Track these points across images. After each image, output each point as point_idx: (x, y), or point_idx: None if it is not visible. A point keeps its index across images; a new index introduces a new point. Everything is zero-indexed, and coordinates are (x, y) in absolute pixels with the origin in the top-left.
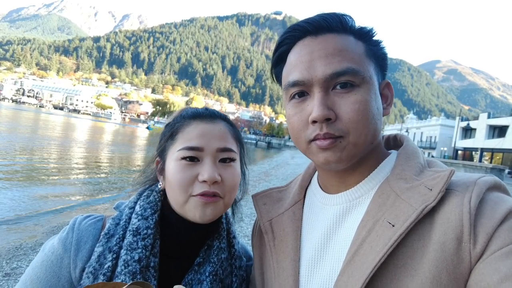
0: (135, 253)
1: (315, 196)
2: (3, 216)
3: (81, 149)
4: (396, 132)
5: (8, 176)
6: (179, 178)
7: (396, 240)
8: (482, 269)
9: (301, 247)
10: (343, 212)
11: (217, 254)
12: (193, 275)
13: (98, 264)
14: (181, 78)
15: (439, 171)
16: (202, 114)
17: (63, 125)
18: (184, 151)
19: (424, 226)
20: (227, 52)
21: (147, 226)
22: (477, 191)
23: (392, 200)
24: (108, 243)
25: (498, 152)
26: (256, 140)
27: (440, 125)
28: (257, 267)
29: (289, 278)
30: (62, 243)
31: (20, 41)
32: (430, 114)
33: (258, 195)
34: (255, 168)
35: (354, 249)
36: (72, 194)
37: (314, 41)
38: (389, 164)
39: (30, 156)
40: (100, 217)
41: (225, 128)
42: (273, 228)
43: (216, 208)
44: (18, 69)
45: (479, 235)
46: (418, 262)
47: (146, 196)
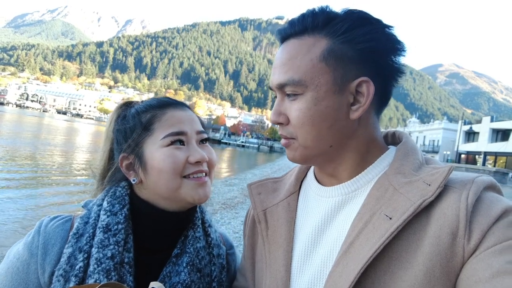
0: (107, 250)
1: (311, 188)
2: (10, 220)
3: (86, 154)
4: (395, 129)
5: (15, 181)
6: (172, 161)
7: (393, 232)
8: (475, 264)
9: (295, 238)
10: (339, 204)
11: (192, 243)
12: (171, 267)
13: (68, 266)
14: (183, 83)
15: (438, 168)
16: (172, 102)
17: (70, 130)
18: (171, 137)
19: (420, 220)
20: (229, 57)
21: (117, 222)
22: (475, 189)
23: (390, 194)
24: (77, 243)
25: (502, 155)
26: (258, 144)
27: (443, 128)
28: (248, 257)
29: (281, 268)
30: (28, 248)
31: (24, 46)
32: (432, 118)
33: (253, 184)
34: (257, 171)
35: (350, 241)
36: (76, 195)
37: (281, 48)
38: (387, 159)
39: (36, 162)
40: (68, 217)
41: (193, 113)
42: (267, 218)
43: (208, 187)
44: (22, 74)
45: (474, 231)
46: (412, 255)
47: (112, 192)
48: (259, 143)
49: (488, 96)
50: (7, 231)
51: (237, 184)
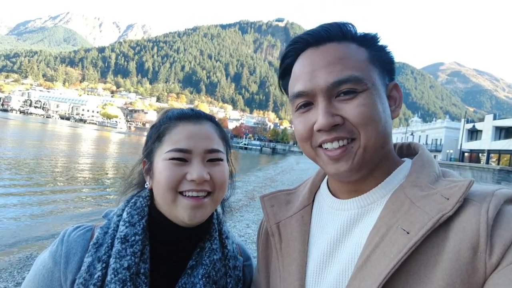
0: (124, 260)
1: (325, 201)
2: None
3: (92, 160)
4: (410, 141)
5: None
6: (168, 176)
7: (411, 247)
8: (497, 280)
9: (309, 251)
10: (354, 218)
11: (209, 256)
12: (187, 279)
13: (88, 275)
14: (185, 86)
15: (456, 181)
16: (188, 115)
17: (77, 136)
18: (173, 153)
19: (438, 234)
20: (230, 60)
21: (135, 233)
22: (495, 202)
23: (406, 207)
24: (97, 252)
25: (506, 153)
26: (260, 146)
27: (446, 127)
28: (262, 270)
29: (295, 283)
30: (52, 257)
31: (27, 53)
32: (435, 117)
33: (266, 196)
34: (260, 174)
35: (367, 255)
36: (82, 202)
37: (316, 52)
38: (403, 172)
39: (42, 167)
40: (89, 227)
41: (211, 128)
42: (280, 231)
43: (205, 209)
44: (25, 81)
45: (495, 245)
46: (431, 270)
47: (133, 203)
48: (261, 145)
49: (490, 94)
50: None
51: (241, 186)
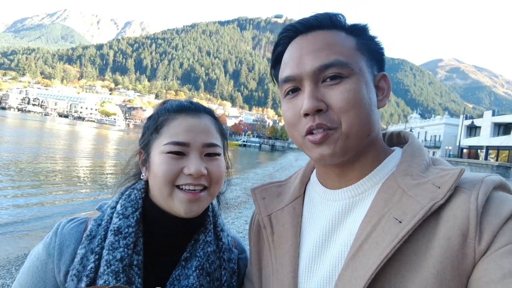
0: (117, 252)
1: (316, 192)
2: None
3: (92, 158)
4: (400, 129)
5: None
6: (165, 169)
7: (404, 236)
8: (486, 265)
9: (301, 243)
10: (346, 207)
11: (203, 248)
12: (181, 271)
13: (81, 266)
14: (184, 83)
15: (447, 169)
16: (187, 108)
17: (75, 133)
18: (170, 146)
19: (429, 222)
20: (229, 57)
21: (128, 225)
22: (484, 189)
23: (398, 196)
24: (90, 244)
25: (504, 149)
26: (259, 143)
27: (444, 123)
28: (255, 263)
29: (288, 274)
30: (46, 249)
31: (24, 50)
32: (433, 113)
33: (257, 189)
34: (259, 171)
35: (358, 244)
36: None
37: (304, 38)
38: (394, 161)
39: (42, 162)
40: (83, 219)
41: (210, 122)
42: (272, 223)
43: (201, 203)
44: (23, 79)
45: (484, 232)
46: (422, 258)
47: (127, 195)
48: (260, 142)
49: (489, 90)
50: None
51: (240, 183)
